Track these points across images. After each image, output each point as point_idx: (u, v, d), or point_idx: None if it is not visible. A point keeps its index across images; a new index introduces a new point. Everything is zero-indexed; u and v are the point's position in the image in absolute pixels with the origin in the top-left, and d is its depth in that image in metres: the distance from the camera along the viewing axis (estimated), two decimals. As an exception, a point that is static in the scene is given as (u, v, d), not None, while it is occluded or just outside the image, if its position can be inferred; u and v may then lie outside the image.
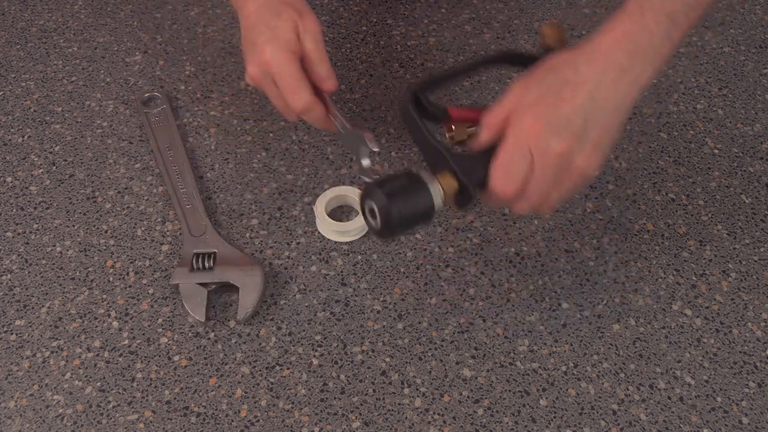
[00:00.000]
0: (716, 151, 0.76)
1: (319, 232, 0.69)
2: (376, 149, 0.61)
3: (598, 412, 0.59)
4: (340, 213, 0.71)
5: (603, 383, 0.60)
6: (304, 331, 0.63)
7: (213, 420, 0.58)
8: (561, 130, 0.53)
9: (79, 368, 0.61)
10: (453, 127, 0.64)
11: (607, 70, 0.54)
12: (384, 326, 0.63)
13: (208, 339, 0.62)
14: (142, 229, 0.69)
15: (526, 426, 0.58)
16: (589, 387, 0.60)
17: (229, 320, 0.63)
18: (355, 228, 0.68)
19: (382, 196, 0.51)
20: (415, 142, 0.58)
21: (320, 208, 0.69)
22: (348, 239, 0.68)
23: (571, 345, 0.62)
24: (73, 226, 0.70)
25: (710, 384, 0.60)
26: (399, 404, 0.59)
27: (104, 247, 0.68)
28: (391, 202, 0.51)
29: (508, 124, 0.54)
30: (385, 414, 0.58)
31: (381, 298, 0.65)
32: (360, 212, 0.62)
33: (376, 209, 0.52)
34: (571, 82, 0.53)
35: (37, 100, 0.81)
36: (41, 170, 0.74)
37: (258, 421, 0.58)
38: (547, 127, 0.53)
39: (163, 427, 0.58)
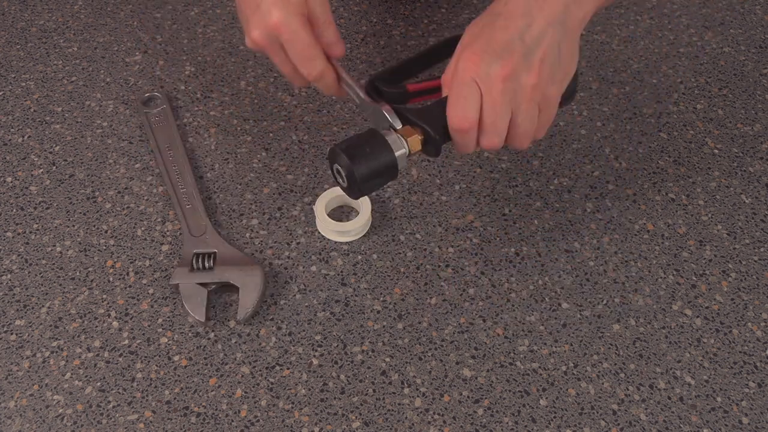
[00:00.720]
0: (716, 151, 0.76)
1: (319, 232, 0.69)
2: (398, 125, 0.57)
3: (598, 412, 0.59)
4: (340, 213, 0.71)
5: (603, 383, 0.60)
6: (304, 331, 0.63)
7: (213, 420, 0.58)
8: (500, 54, 0.53)
9: (79, 368, 0.61)
10: None
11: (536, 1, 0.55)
12: (384, 326, 0.63)
13: (208, 339, 0.62)
14: (142, 229, 0.69)
15: (526, 426, 0.58)
16: (589, 387, 0.60)
17: (229, 320, 0.63)
18: (355, 228, 0.68)
19: (345, 158, 0.54)
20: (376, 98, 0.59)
21: (320, 208, 0.69)
22: (348, 239, 0.68)
23: (571, 345, 0.62)
24: (73, 226, 0.70)
25: (710, 384, 0.60)
26: (399, 404, 0.59)
27: (104, 247, 0.68)
28: (354, 163, 0.54)
29: (453, 69, 0.55)
30: (385, 414, 0.58)
31: (381, 298, 0.65)
32: (357, 210, 0.65)
33: (342, 170, 0.55)
34: (503, 14, 0.55)
35: (37, 100, 0.81)
36: (41, 170, 0.74)
37: (258, 421, 0.58)
38: (485, 55, 0.54)
39: (163, 427, 0.58)
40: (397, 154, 0.55)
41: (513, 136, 0.56)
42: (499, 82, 0.53)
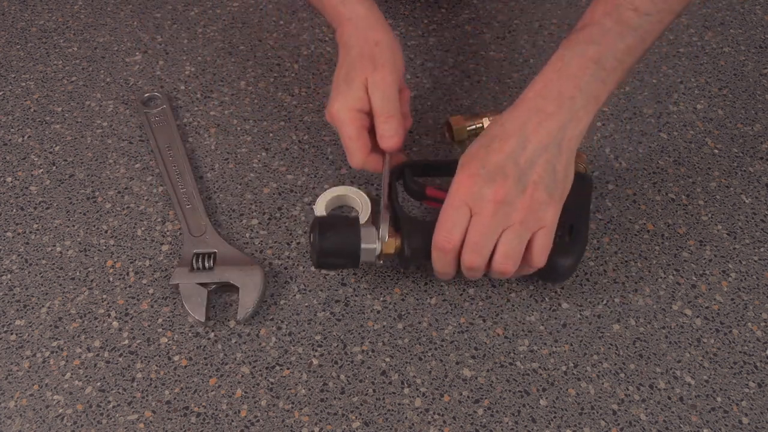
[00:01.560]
0: (716, 151, 0.76)
1: None
2: (385, 234, 0.60)
3: (598, 412, 0.59)
4: (340, 213, 0.71)
5: (603, 383, 0.60)
6: (304, 331, 0.63)
7: (213, 420, 0.58)
8: (494, 178, 0.55)
9: (79, 368, 0.61)
10: (453, 128, 0.73)
11: (531, 117, 0.56)
12: (384, 326, 0.63)
13: (208, 339, 0.62)
14: (142, 229, 0.69)
15: (526, 426, 0.58)
16: (589, 387, 0.60)
17: (229, 320, 0.63)
18: None
19: (316, 228, 0.60)
20: (388, 200, 0.63)
21: (320, 207, 0.69)
22: None
23: (571, 345, 0.62)
24: (73, 226, 0.70)
25: (710, 384, 0.60)
26: (399, 404, 0.59)
27: (104, 247, 0.68)
28: (320, 235, 0.59)
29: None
30: (385, 414, 0.58)
31: (381, 298, 0.65)
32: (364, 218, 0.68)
33: (310, 238, 0.61)
34: (498, 136, 0.57)
35: (37, 100, 0.81)
36: (41, 170, 0.74)
37: (258, 421, 0.58)
38: (478, 178, 0.55)
39: (163, 427, 0.58)
40: (363, 246, 0.59)
41: (496, 259, 0.56)
42: (490, 205, 0.55)
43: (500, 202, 0.55)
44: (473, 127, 0.74)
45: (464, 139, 0.74)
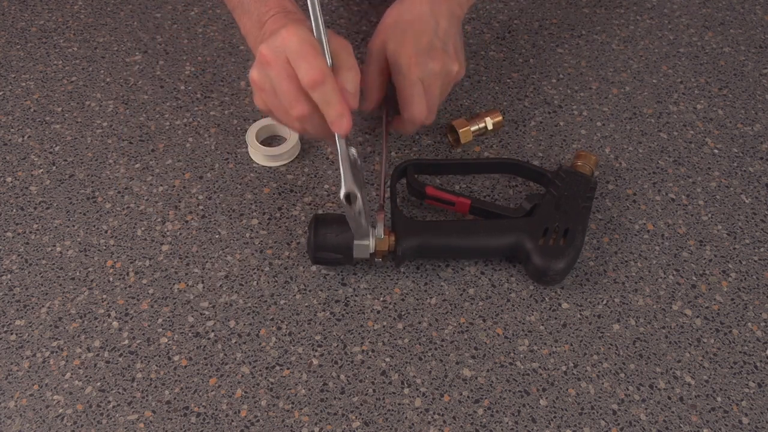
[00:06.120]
0: (716, 151, 0.76)
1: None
2: (380, 234, 0.63)
3: (598, 412, 0.59)
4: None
5: (603, 383, 0.60)
6: (304, 331, 0.63)
7: (213, 420, 0.58)
8: (431, 53, 0.66)
9: (79, 368, 0.61)
10: (458, 131, 0.74)
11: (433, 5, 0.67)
12: (384, 326, 0.63)
13: (208, 339, 0.62)
14: (142, 229, 0.69)
15: (526, 426, 0.58)
16: (589, 387, 0.60)
17: (229, 320, 0.63)
18: (285, 152, 0.73)
19: (313, 224, 0.63)
20: (386, 199, 0.68)
21: (251, 137, 0.73)
22: (280, 163, 0.73)
23: (571, 345, 0.62)
24: (73, 226, 0.70)
25: (710, 384, 0.60)
26: (399, 404, 0.59)
27: (104, 247, 0.68)
28: (316, 231, 0.62)
29: (395, 71, 0.67)
30: (385, 414, 0.58)
31: (381, 298, 0.65)
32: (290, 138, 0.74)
33: (308, 233, 0.63)
34: (414, 20, 0.66)
35: (37, 100, 0.81)
36: (41, 170, 0.74)
37: (258, 421, 0.58)
38: (419, 55, 0.65)
39: (163, 427, 0.58)
40: (356, 242, 0.62)
41: (433, 113, 0.69)
42: (436, 78, 0.66)
43: (441, 72, 0.66)
44: (476, 128, 0.74)
45: (469, 140, 0.74)
